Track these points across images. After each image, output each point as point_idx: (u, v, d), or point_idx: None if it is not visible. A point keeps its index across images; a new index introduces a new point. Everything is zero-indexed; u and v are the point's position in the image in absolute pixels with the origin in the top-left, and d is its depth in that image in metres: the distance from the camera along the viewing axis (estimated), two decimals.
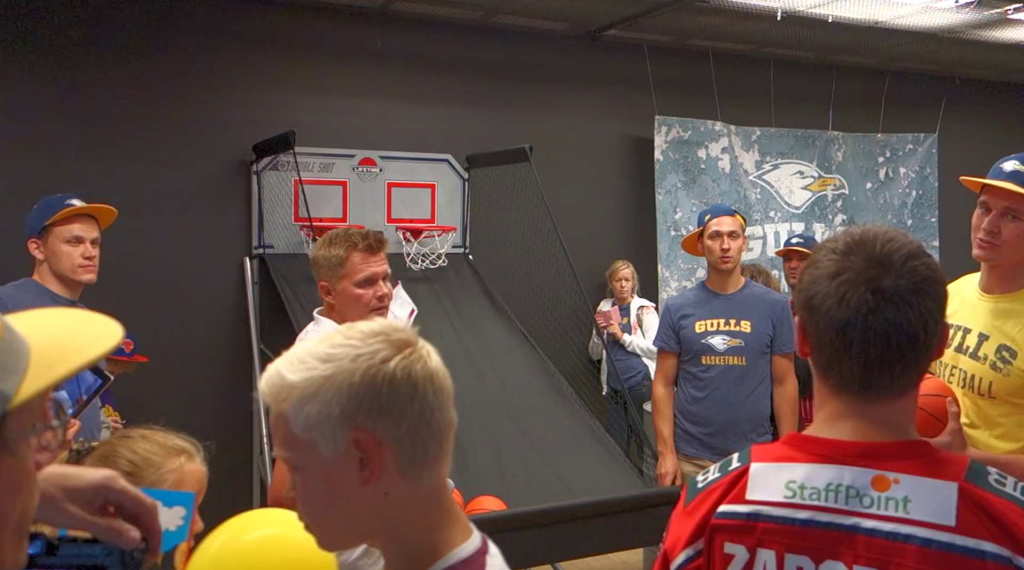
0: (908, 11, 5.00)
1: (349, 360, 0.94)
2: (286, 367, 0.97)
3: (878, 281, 1.07)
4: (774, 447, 1.17)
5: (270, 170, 4.69)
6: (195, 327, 4.66)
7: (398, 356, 0.96)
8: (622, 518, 3.17)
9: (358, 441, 0.93)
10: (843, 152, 6.44)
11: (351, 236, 2.16)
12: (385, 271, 2.19)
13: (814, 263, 1.14)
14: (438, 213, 5.04)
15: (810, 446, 1.13)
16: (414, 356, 0.97)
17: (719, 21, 5.23)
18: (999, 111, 7.02)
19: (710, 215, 3.43)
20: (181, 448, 1.56)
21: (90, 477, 0.91)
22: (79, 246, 2.84)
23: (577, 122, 5.61)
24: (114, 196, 4.49)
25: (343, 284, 2.14)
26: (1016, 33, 5.45)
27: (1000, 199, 2.01)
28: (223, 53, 4.74)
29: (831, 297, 1.09)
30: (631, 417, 4.60)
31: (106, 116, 4.49)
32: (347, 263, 2.13)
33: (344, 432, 0.93)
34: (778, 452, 1.15)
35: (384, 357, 0.95)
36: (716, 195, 5.95)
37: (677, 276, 5.87)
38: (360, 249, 2.14)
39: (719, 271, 3.40)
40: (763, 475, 1.13)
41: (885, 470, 1.08)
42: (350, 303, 2.14)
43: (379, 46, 5.05)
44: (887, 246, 1.09)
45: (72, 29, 4.42)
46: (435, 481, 0.98)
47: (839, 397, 1.13)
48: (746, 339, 3.35)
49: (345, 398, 0.93)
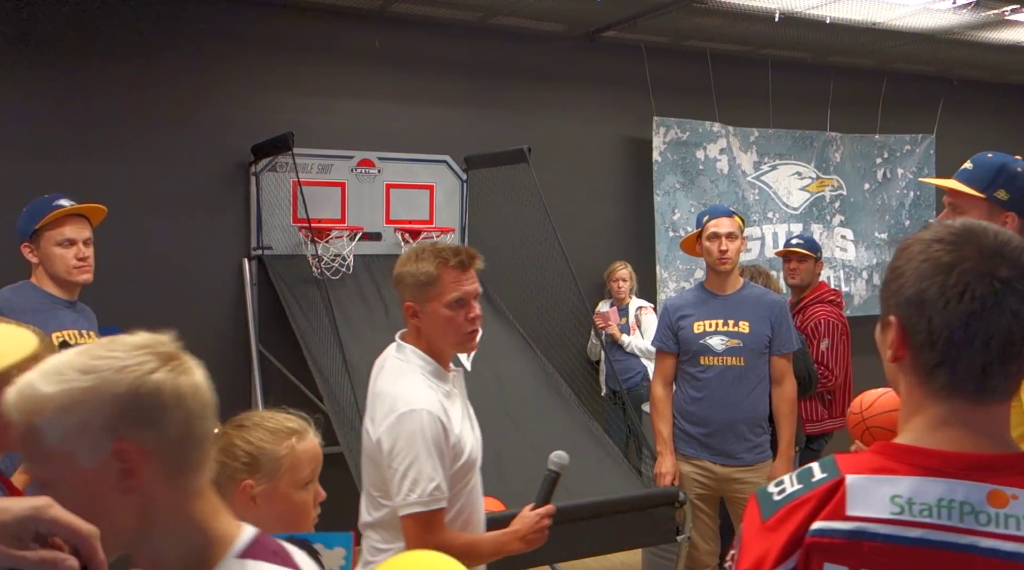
0: (905, 12, 5.01)
1: (113, 371, 0.95)
2: (41, 379, 0.96)
3: (998, 271, 1.00)
4: (864, 457, 1.07)
5: (269, 171, 4.69)
6: (194, 328, 4.62)
7: (164, 368, 0.99)
8: (621, 519, 3.18)
9: (120, 451, 0.94)
10: (841, 153, 6.44)
11: (441, 251, 1.95)
12: (477, 290, 1.99)
13: (914, 256, 1.05)
14: (436, 214, 5.04)
15: (912, 457, 1.04)
16: (180, 368, 1.01)
17: (717, 22, 5.23)
18: (996, 112, 7.03)
19: (708, 216, 3.44)
20: (291, 430, 1.63)
21: (16, 510, 0.90)
22: (72, 248, 2.83)
23: (575, 123, 5.61)
24: (113, 197, 4.49)
25: (432, 305, 1.94)
26: (1013, 34, 5.46)
27: (947, 196, 2.17)
28: (222, 54, 4.74)
29: (951, 289, 1.00)
30: (630, 418, 4.60)
31: (105, 117, 4.49)
32: (438, 282, 1.92)
33: (106, 442, 0.94)
34: (872, 463, 1.05)
35: (150, 369, 0.97)
36: (714, 196, 5.96)
37: (675, 277, 5.87)
38: (452, 266, 1.94)
39: (717, 272, 3.41)
40: (863, 488, 1.02)
41: (1001, 485, 1.00)
42: (440, 326, 1.96)
43: (377, 47, 5.05)
44: (1000, 236, 1.03)
45: (71, 31, 4.42)
46: (199, 484, 1.02)
47: (945, 402, 1.04)
48: (744, 339, 3.36)
49: (108, 409, 0.94)
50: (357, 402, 3.44)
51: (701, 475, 3.43)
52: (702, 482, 3.43)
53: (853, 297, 6.39)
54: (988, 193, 2.07)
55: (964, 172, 2.14)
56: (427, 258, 1.94)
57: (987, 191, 2.07)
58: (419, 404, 1.90)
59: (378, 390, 2.01)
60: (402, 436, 1.88)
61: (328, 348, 4.04)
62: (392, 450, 1.90)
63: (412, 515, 1.88)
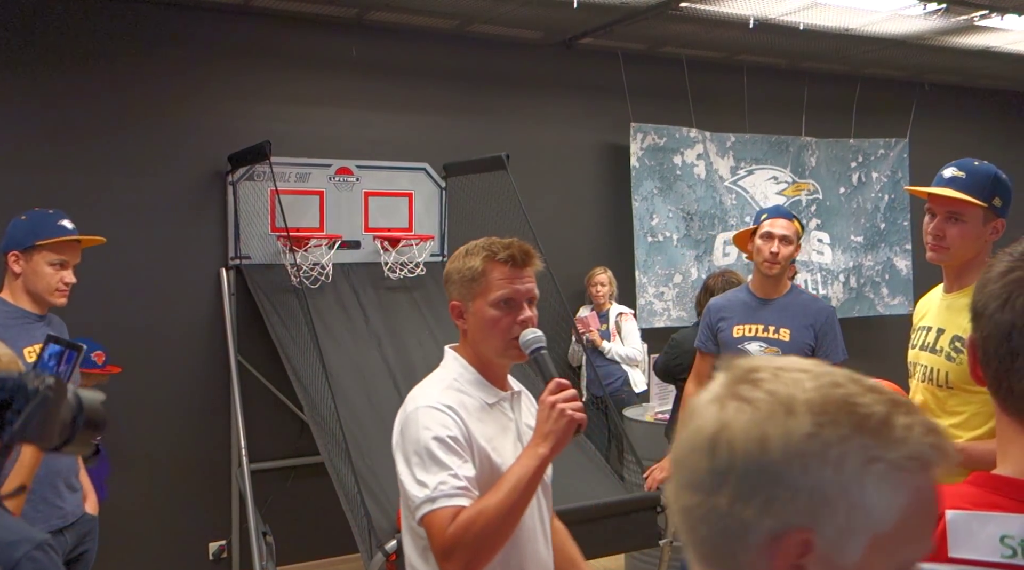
0: (877, 18, 5.08)
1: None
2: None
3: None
4: (962, 490, 0.96)
5: (246, 180, 4.66)
6: (172, 339, 4.62)
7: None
8: (604, 524, 3.18)
9: None
10: (816, 157, 6.51)
11: (491, 245, 1.77)
12: (530, 291, 1.80)
13: (989, 268, 0.99)
14: (416, 222, 5.03)
15: (1018, 491, 0.93)
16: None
17: (693, 29, 5.28)
18: (968, 115, 7.13)
19: (767, 215, 3.26)
20: None
21: None
22: (61, 271, 2.81)
23: (553, 130, 5.63)
24: (89, 207, 4.46)
25: (477, 303, 1.75)
26: (982, 39, 5.55)
27: (943, 205, 2.17)
28: (198, 63, 4.72)
29: (996, 299, 0.93)
30: (612, 423, 4.61)
31: (80, 127, 4.45)
32: (484, 278, 1.74)
33: None
34: (973, 497, 0.94)
35: None
36: (692, 201, 6.00)
37: (655, 282, 5.90)
38: (500, 260, 1.75)
39: (764, 275, 3.20)
40: (966, 527, 0.91)
41: None
42: (484, 328, 1.74)
43: (355, 55, 5.05)
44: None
45: (44, 39, 4.37)
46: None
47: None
48: (784, 348, 3.15)
49: None
50: (337, 411, 3.43)
51: None
52: None
53: (830, 300, 6.45)
54: (989, 201, 2.14)
55: (959, 181, 2.15)
56: (476, 253, 1.78)
57: (988, 200, 2.14)
58: (426, 401, 1.69)
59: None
60: (408, 434, 1.67)
61: (308, 357, 4.01)
62: (400, 448, 1.70)
63: (427, 516, 1.60)
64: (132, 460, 4.36)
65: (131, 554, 4.39)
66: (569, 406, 1.65)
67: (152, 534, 4.51)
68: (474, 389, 1.76)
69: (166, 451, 4.59)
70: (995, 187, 2.16)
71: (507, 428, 1.77)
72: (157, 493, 4.53)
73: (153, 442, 4.54)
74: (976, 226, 2.15)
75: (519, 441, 1.77)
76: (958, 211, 2.14)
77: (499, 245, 1.78)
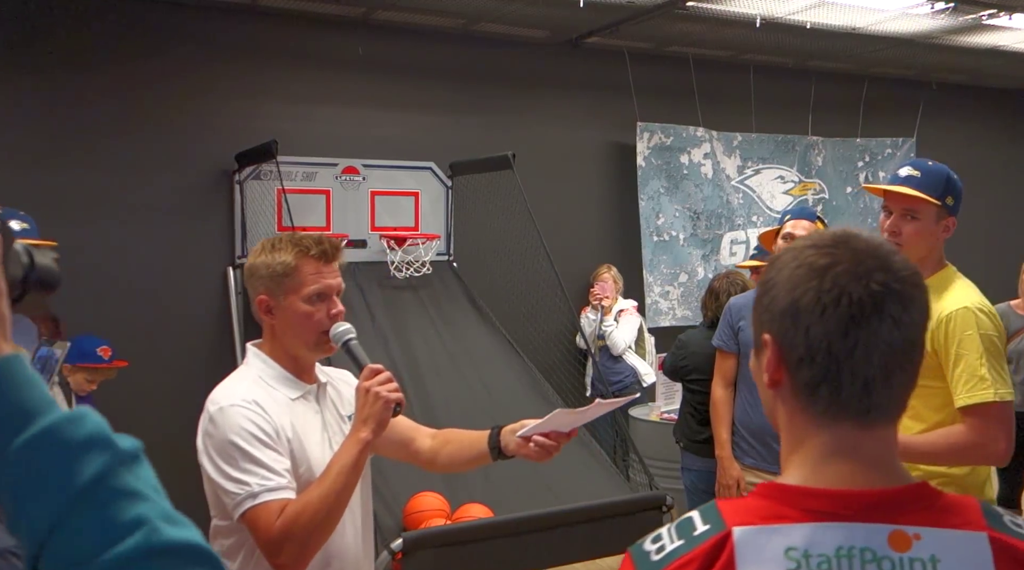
0: (885, 17, 5.06)
1: None
2: None
3: (874, 274, 0.90)
4: (750, 503, 0.93)
5: (253, 179, 4.68)
6: (178, 337, 4.64)
7: None
8: (609, 523, 3.18)
9: None
10: (823, 157, 6.50)
11: (300, 241, 1.77)
12: (340, 285, 1.81)
13: (786, 265, 0.94)
14: (422, 221, 5.04)
15: (801, 499, 0.90)
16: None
17: (699, 28, 5.27)
18: (975, 115, 7.11)
19: (790, 216, 3.27)
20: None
21: None
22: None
23: (559, 129, 5.63)
24: (96, 206, 4.48)
25: (289, 299, 1.74)
26: (990, 38, 5.53)
27: (899, 202, 2.23)
28: (205, 62, 4.73)
29: (827, 294, 0.89)
30: (618, 423, 4.61)
31: (88, 126, 4.47)
32: (296, 273, 1.73)
33: None
34: (760, 510, 0.91)
35: None
36: (699, 200, 5.99)
37: (661, 281, 5.90)
38: (313, 256, 1.74)
39: None
40: (753, 543, 0.88)
41: (901, 524, 0.88)
42: (297, 322, 1.75)
43: (361, 54, 5.06)
44: (870, 239, 0.94)
45: (53, 39, 4.39)
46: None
47: (828, 428, 0.92)
48: None
49: None
50: None
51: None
52: None
53: None
54: (942, 200, 2.22)
55: (914, 179, 2.24)
56: (285, 248, 1.76)
57: (942, 198, 2.22)
58: (228, 401, 1.67)
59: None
60: (215, 435, 1.65)
61: None
62: (206, 453, 1.67)
63: (250, 512, 1.58)
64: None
65: None
66: (383, 388, 1.68)
67: None
68: (279, 384, 1.76)
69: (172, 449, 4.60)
70: (948, 186, 2.23)
71: (313, 420, 1.78)
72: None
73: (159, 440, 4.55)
74: (930, 223, 2.20)
75: (326, 431, 1.79)
76: (914, 208, 2.20)
77: (309, 240, 1.77)
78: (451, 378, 4.19)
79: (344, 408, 1.85)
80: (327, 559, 1.71)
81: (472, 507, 3.40)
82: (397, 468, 3.46)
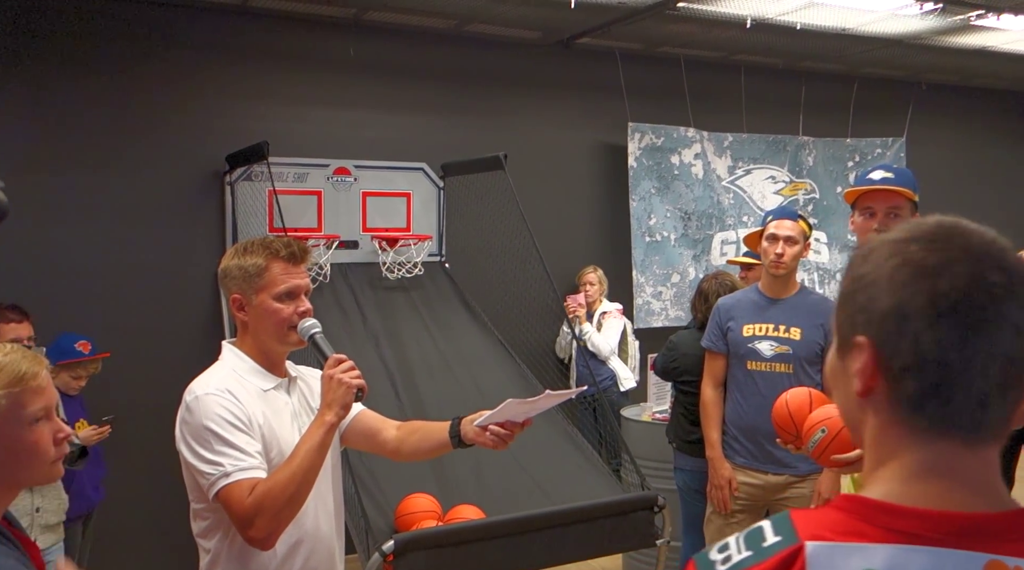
0: (874, 18, 5.08)
1: None
2: None
3: (993, 275, 0.80)
4: (827, 515, 0.84)
5: (244, 180, 4.66)
6: (169, 338, 4.62)
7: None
8: (601, 524, 3.18)
9: None
10: (813, 157, 6.52)
11: (271, 244, 1.92)
12: (307, 285, 1.95)
13: (884, 261, 0.84)
14: (414, 222, 5.04)
15: (884, 517, 0.81)
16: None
17: (690, 29, 5.28)
18: (964, 115, 7.14)
19: (772, 217, 3.31)
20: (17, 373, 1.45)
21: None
22: None
23: (551, 129, 5.64)
24: (87, 207, 4.46)
25: (260, 297, 1.89)
26: (979, 39, 5.56)
27: (885, 201, 2.32)
28: (195, 63, 4.72)
29: (942, 298, 0.79)
30: (608, 422, 4.61)
31: (79, 127, 4.45)
32: (266, 273, 1.88)
33: None
34: (837, 524, 0.82)
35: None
36: (690, 201, 6.01)
37: (652, 281, 5.91)
38: (282, 258, 1.89)
39: (772, 276, 3.27)
40: (827, 561, 0.80)
41: (999, 554, 0.78)
42: (267, 319, 1.90)
43: (352, 55, 5.05)
44: (981, 232, 0.84)
45: (46, 42, 4.37)
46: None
47: (930, 444, 0.82)
48: (794, 347, 3.19)
49: None
50: None
51: (748, 486, 3.29)
52: (748, 493, 3.29)
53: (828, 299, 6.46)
54: (916, 197, 2.36)
55: (891, 181, 2.34)
56: (256, 251, 1.91)
57: (917, 195, 2.36)
58: (203, 390, 1.83)
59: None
60: (191, 422, 1.79)
61: (305, 358, 4.01)
62: (183, 440, 1.81)
63: (224, 490, 1.72)
64: (130, 459, 4.36)
65: (129, 553, 4.40)
66: (347, 375, 1.81)
67: (150, 533, 4.52)
68: (251, 376, 1.92)
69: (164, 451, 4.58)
70: (915, 185, 2.35)
71: (284, 409, 1.92)
72: (155, 492, 4.53)
73: (151, 441, 4.53)
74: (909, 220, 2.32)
75: (296, 419, 1.92)
76: (897, 206, 2.30)
77: (279, 243, 1.92)
78: (443, 379, 4.19)
79: (314, 400, 1.97)
80: (299, 540, 1.85)
81: (464, 508, 3.40)
82: (389, 470, 3.46)
